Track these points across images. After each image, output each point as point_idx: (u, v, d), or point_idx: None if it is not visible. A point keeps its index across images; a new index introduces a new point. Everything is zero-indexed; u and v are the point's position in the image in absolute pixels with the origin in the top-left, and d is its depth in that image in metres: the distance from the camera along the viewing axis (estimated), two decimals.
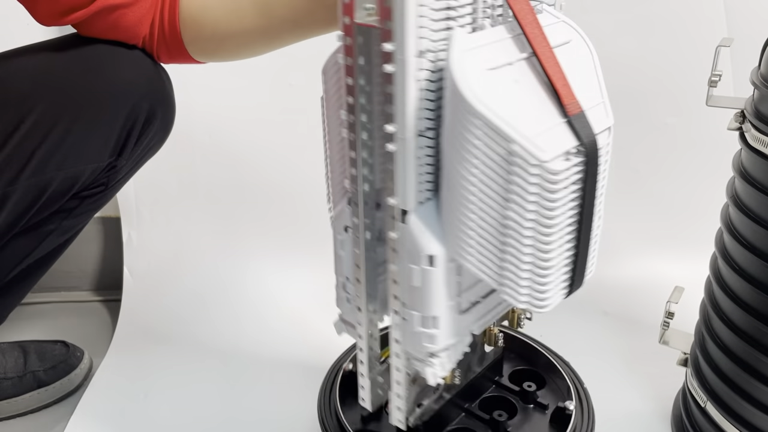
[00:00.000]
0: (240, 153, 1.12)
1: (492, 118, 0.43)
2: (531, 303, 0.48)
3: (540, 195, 0.44)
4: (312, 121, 1.08)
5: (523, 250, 0.46)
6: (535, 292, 0.48)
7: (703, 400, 0.73)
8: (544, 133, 0.44)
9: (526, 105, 0.45)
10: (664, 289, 0.78)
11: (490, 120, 0.43)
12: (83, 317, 1.09)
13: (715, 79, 0.67)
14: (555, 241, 0.46)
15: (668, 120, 1.06)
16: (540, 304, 0.48)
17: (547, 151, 0.43)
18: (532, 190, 0.44)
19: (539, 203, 0.44)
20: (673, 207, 1.09)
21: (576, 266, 0.49)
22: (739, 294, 0.68)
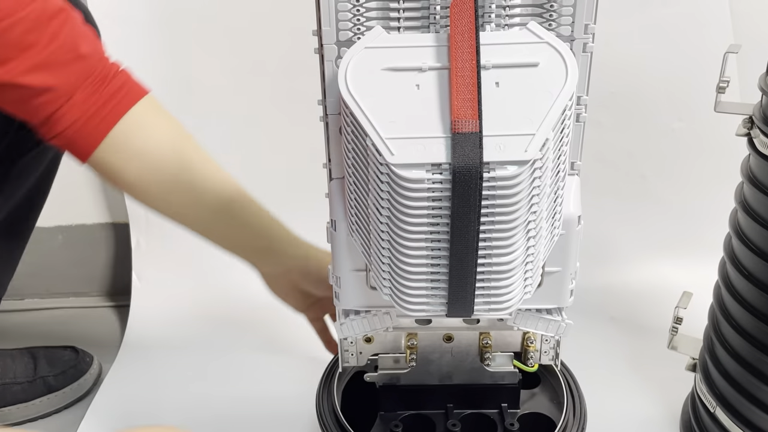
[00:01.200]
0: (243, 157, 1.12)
1: (354, 110, 0.44)
2: (395, 302, 0.50)
3: (391, 196, 0.45)
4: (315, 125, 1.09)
5: (381, 244, 0.47)
6: (396, 291, 0.49)
7: (713, 405, 0.73)
8: (412, 140, 0.44)
9: (412, 110, 0.45)
10: (672, 294, 0.78)
11: (353, 111, 0.44)
12: (92, 323, 1.09)
13: (723, 85, 0.67)
14: (411, 248, 0.46)
15: (675, 125, 1.06)
16: (404, 306, 0.49)
17: (397, 155, 0.43)
18: (383, 188, 0.45)
19: (391, 204, 0.45)
20: (681, 212, 1.09)
21: (453, 287, 0.47)
22: (748, 299, 0.68)
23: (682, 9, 1.00)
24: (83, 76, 0.66)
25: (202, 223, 0.74)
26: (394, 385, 0.66)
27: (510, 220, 0.45)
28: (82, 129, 0.66)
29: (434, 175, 0.43)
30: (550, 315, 0.56)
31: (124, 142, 0.68)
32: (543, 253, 0.50)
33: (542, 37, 0.46)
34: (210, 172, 0.73)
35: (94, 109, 0.66)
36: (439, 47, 0.46)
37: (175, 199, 0.71)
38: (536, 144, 0.43)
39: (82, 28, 0.66)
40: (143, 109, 0.70)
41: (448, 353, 0.65)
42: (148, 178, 0.70)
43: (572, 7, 0.47)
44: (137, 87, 0.70)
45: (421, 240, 0.46)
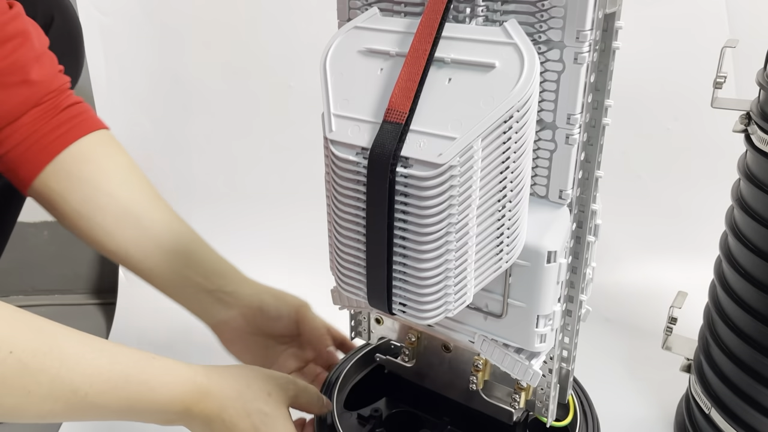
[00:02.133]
0: (238, 156, 1.11)
1: (322, 83, 0.47)
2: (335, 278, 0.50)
3: (331, 170, 0.46)
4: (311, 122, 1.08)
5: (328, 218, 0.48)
6: (335, 267, 0.49)
7: (707, 406, 0.72)
8: (352, 121, 0.45)
9: (366, 92, 0.45)
10: (666, 294, 0.78)
11: (322, 84, 0.47)
12: (78, 320, 1.07)
13: (720, 80, 0.66)
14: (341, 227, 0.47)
15: (670, 125, 1.06)
16: (338, 284, 0.49)
17: (335, 132, 0.45)
18: (326, 162, 0.46)
19: (331, 178, 0.46)
20: (676, 211, 1.09)
21: (369, 276, 0.47)
22: (744, 298, 0.67)
23: (677, 7, 1.00)
24: (30, 101, 0.63)
25: (148, 262, 0.67)
26: (399, 375, 0.65)
27: (422, 224, 0.43)
28: (25, 153, 0.64)
29: (361, 159, 0.43)
30: (518, 355, 0.51)
31: (69, 168, 0.65)
32: (474, 273, 0.46)
33: (513, 37, 0.43)
34: (161, 207, 0.69)
35: (40, 135, 0.64)
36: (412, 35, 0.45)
37: (121, 231, 0.66)
38: (454, 150, 0.41)
39: (39, 54, 0.64)
40: (95, 140, 0.67)
41: (447, 363, 0.63)
42: (93, 206, 0.65)
43: (563, 8, 0.43)
44: (93, 119, 0.68)
45: (350, 221, 0.46)
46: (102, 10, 1.01)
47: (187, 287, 0.68)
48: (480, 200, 0.43)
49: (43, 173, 0.64)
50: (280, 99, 1.07)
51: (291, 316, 0.70)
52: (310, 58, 1.03)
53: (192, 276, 0.68)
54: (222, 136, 1.10)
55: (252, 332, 0.69)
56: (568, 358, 0.57)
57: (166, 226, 0.68)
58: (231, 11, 1.03)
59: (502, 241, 0.46)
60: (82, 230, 0.67)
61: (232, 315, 0.69)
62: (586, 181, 0.50)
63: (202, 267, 0.69)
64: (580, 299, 0.55)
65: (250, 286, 0.71)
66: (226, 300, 0.69)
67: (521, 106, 0.41)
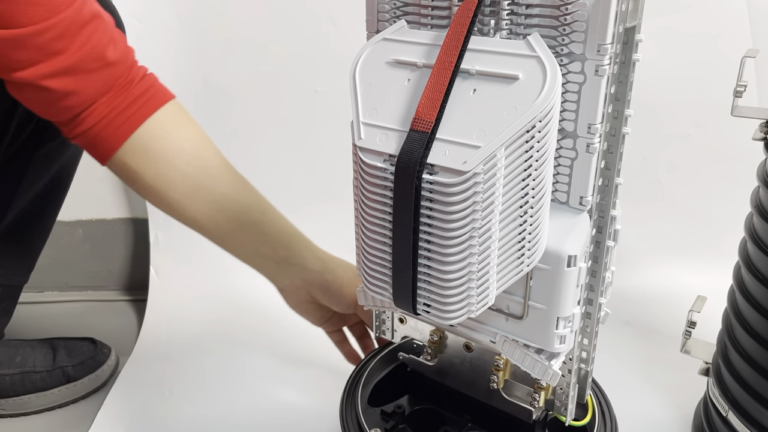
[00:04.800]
0: (265, 158, 1.14)
1: (351, 92, 0.49)
2: (361, 278, 0.52)
3: (360, 176, 0.48)
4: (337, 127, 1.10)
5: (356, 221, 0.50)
6: (361, 268, 0.51)
7: (725, 409, 0.73)
8: (381, 129, 0.47)
9: (393, 101, 0.47)
10: (685, 298, 0.79)
11: (351, 93, 0.49)
12: (110, 316, 1.11)
13: (740, 89, 0.67)
14: (369, 230, 0.48)
15: (691, 131, 1.07)
16: (365, 284, 0.52)
17: (364, 140, 0.47)
18: (355, 168, 0.48)
19: (360, 184, 0.48)
20: (696, 217, 1.09)
21: (395, 278, 0.49)
22: (763, 303, 0.68)
23: (699, 14, 1.00)
24: (109, 82, 0.66)
25: (219, 231, 0.72)
26: (422, 373, 0.67)
27: (447, 228, 0.44)
28: (103, 131, 0.67)
29: (389, 166, 0.45)
30: (538, 355, 0.52)
31: (144, 145, 0.68)
32: (495, 276, 0.47)
33: (536, 50, 0.44)
34: (230, 180, 0.73)
35: (117, 112, 0.67)
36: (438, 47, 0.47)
37: (193, 205, 0.70)
38: (478, 158, 0.42)
39: (112, 33, 0.67)
40: (166, 114, 0.70)
41: (468, 362, 0.65)
42: (166, 182, 0.69)
43: (585, 23, 0.44)
44: (162, 91, 0.71)
45: (377, 225, 0.48)
46: (137, 17, 1.04)
47: (256, 256, 0.74)
48: (503, 206, 0.45)
49: (120, 150, 0.68)
50: (306, 104, 1.10)
51: (350, 303, 0.74)
52: (336, 64, 1.06)
53: (260, 247, 0.73)
54: (249, 139, 1.13)
55: (312, 301, 0.75)
56: (587, 359, 0.59)
57: (236, 199, 0.71)
58: (260, 18, 1.05)
59: (523, 245, 0.47)
60: (157, 202, 0.72)
61: (296, 285, 0.74)
62: (606, 188, 0.52)
63: (269, 238, 0.73)
64: (599, 302, 0.56)
65: (317, 262, 0.74)
66: (291, 271, 0.74)
67: (543, 116, 0.43)
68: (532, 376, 0.53)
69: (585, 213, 0.50)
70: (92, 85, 0.65)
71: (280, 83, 1.09)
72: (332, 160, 1.11)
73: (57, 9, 0.60)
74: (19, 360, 0.89)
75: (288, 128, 1.12)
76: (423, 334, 0.66)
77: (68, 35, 0.62)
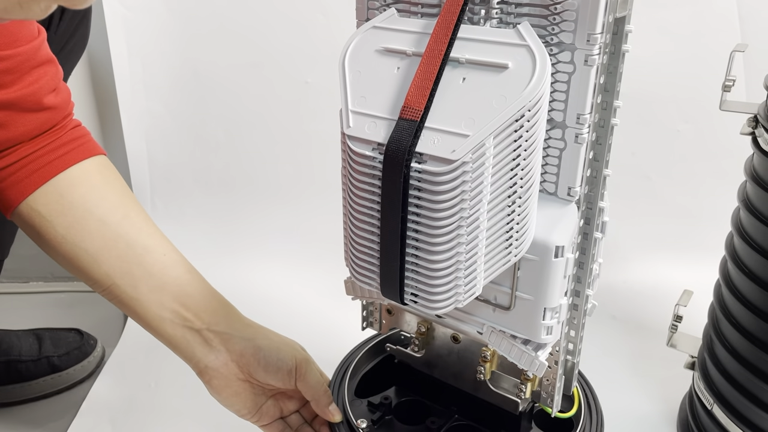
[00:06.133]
0: (255, 148, 1.13)
1: (341, 80, 0.49)
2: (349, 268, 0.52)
3: (348, 164, 0.47)
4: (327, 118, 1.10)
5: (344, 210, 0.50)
6: (349, 257, 0.51)
7: (710, 402, 0.74)
8: (369, 117, 0.46)
9: (381, 89, 0.47)
10: (672, 293, 0.79)
11: (341, 81, 0.49)
12: (96, 307, 1.10)
13: (728, 83, 0.68)
14: (357, 219, 0.48)
15: (680, 127, 1.07)
16: (352, 274, 0.51)
17: (352, 128, 0.46)
18: (343, 156, 0.48)
19: (348, 172, 0.48)
20: (684, 212, 1.10)
21: (383, 267, 0.48)
22: (748, 297, 0.68)
23: (689, 10, 1.01)
24: (39, 127, 0.61)
25: (135, 291, 0.62)
26: (409, 365, 0.67)
27: (435, 218, 0.44)
28: (17, 173, 0.61)
29: (377, 154, 0.45)
30: (525, 346, 0.52)
31: (60, 192, 0.61)
32: (483, 265, 0.47)
33: (526, 39, 0.44)
34: (155, 233, 0.64)
35: (38, 155, 0.61)
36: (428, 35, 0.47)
37: (107, 257, 0.61)
38: (467, 146, 0.42)
39: (58, 83, 0.62)
40: (93, 166, 0.64)
41: (456, 354, 0.64)
42: (81, 232, 0.61)
43: (575, 12, 0.44)
44: (92, 144, 0.65)
45: (365, 214, 0.48)
46: (126, 5, 1.03)
47: (174, 324, 0.62)
48: (491, 195, 0.45)
49: (32, 196, 0.60)
50: (296, 94, 1.09)
51: (290, 369, 0.64)
52: (326, 54, 1.06)
53: (181, 311, 0.62)
54: (240, 129, 1.12)
55: (243, 380, 0.64)
56: (574, 351, 0.59)
57: (160, 255, 0.63)
58: (250, 7, 1.05)
59: (511, 235, 0.47)
60: (66, 257, 0.62)
61: (223, 360, 0.63)
62: (594, 179, 0.52)
63: (193, 301, 0.63)
64: (586, 294, 0.56)
65: (247, 329, 0.65)
66: (216, 342, 0.63)
67: (532, 105, 0.43)
68: (519, 366, 0.53)
69: (573, 204, 0.50)
70: (23, 126, 0.60)
71: (269, 73, 1.08)
72: (322, 151, 1.11)
73: (16, 42, 0.57)
74: (4, 349, 0.89)
75: (277, 118, 1.11)
76: (410, 326, 0.66)
77: (18, 71, 0.58)
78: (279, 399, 0.68)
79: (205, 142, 1.13)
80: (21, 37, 0.57)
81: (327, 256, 1.14)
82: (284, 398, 0.68)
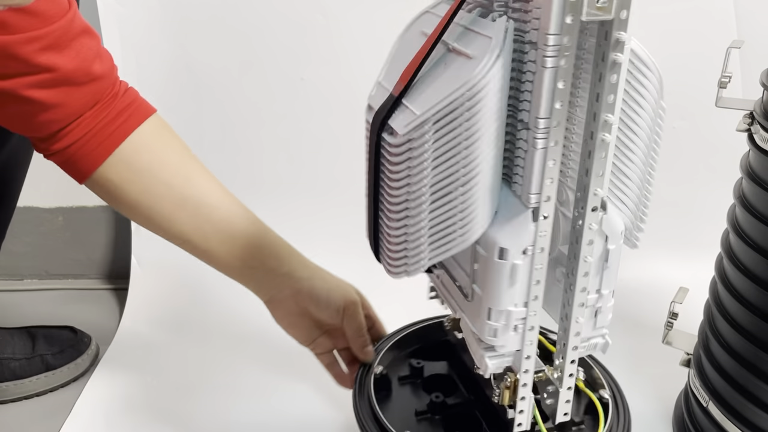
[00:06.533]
0: (250, 145, 1.13)
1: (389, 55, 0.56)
2: None
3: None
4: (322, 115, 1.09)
5: None
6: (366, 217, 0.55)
7: (705, 399, 0.74)
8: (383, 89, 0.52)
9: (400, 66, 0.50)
10: (667, 290, 0.79)
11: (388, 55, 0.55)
12: (91, 304, 1.10)
13: (725, 80, 0.67)
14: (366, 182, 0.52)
15: (676, 124, 1.07)
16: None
17: (371, 97, 0.53)
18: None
19: None
20: (680, 208, 1.10)
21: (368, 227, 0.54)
22: (744, 294, 0.68)
23: (685, 7, 1.00)
24: (96, 96, 0.65)
25: (208, 244, 0.70)
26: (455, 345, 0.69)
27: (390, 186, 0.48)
28: (85, 146, 0.66)
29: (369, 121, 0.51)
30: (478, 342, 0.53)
31: (128, 160, 0.67)
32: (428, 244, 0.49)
33: (492, 32, 0.44)
34: (217, 191, 0.71)
35: (101, 127, 0.66)
36: None
37: (181, 217, 0.69)
38: (412, 124, 0.45)
39: (98, 49, 0.65)
40: (149, 129, 0.69)
41: None
42: (152, 196, 0.68)
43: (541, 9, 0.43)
44: (144, 106, 0.70)
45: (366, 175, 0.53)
46: (119, 0, 1.03)
47: (244, 268, 0.71)
48: (432, 178, 0.47)
49: (103, 166, 0.66)
50: (292, 91, 1.09)
51: (338, 308, 0.71)
52: (323, 53, 1.05)
53: (248, 259, 0.70)
54: (234, 126, 1.12)
55: (300, 313, 0.72)
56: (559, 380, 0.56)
57: (223, 209, 0.70)
58: (246, 3, 1.04)
59: (454, 222, 0.48)
60: (143, 218, 0.70)
61: (284, 295, 0.71)
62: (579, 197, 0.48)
63: (259, 250, 0.71)
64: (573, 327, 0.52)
65: (305, 270, 0.72)
66: (279, 281, 0.71)
67: (470, 97, 0.43)
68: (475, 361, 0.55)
69: (530, 211, 0.48)
70: (80, 99, 0.64)
71: (265, 70, 1.08)
72: (317, 148, 1.11)
73: (51, 19, 0.59)
74: None
75: (272, 115, 1.11)
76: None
77: (59, 46, 0.60)
78: (332, 334, 0.74)
79: (199, 138, 1.12)
80: (53, 14, 0.60)
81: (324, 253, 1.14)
82: (337, 334, 0.74)
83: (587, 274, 0.50)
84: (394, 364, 0.71)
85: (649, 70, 0.47)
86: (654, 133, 0.51)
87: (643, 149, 0.50)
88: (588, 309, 0.52)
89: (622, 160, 0.50)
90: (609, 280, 0.52)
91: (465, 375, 0.68)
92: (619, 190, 0.51)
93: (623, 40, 0.43)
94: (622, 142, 0.49)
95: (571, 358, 0.54)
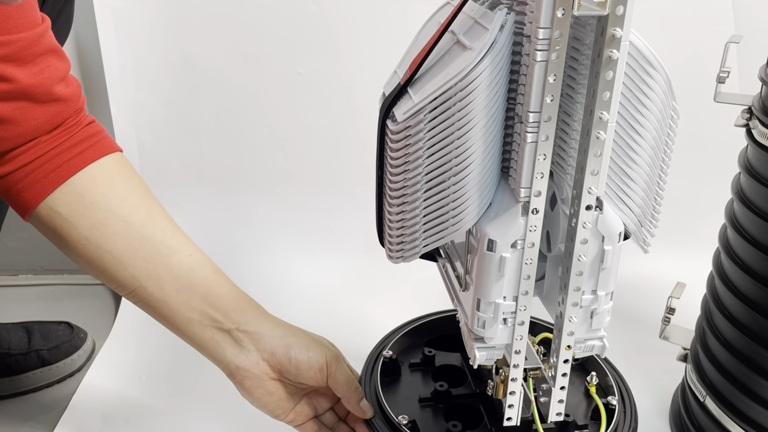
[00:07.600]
0: (246, 139, 1.12)
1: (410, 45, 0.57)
2: None
3: None
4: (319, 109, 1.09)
5: None
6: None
7: (702, 394, 0.74)
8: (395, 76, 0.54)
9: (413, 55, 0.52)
10: (665, 285, 0.79)
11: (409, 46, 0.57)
12: (87, 300, 1.09)
13: (723, 75, 0.67)
14: None
15: None
16: None
17: (387, 85, 0.54)
18: None
19: None
20: (677, 204, 1.09)
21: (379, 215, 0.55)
22: (741, 289, 0.68)
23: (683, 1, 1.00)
24: (56, 119, 0.59)
25: (162, 293, 0.61)
26: None
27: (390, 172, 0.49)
28: (34, 173, 0.58)
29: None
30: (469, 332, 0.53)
31: (81, 192, 0.59)
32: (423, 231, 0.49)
33: (490, 24, 0.44)
34: (178, 235, 0.63)
35: (54, 154, 0.58)
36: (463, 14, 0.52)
37: (132, 259, 0.59)
38: (410, 112, 0.46)
39: (65, 73, 0.60)
40: (111, 163, 0.62)
41: None
42: (105, 233, 0.59)
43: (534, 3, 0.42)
44: (108, 141, 0.63)
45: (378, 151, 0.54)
46: None
47: (203, 325, 0.62)
48: (427, 166, 0.47)
49: (51, 196, 0.58)
50: (288, 85, 1.08)
51: (321, 366, 0.63)
52: (319, 46, 1.05)
53: (209, 311, 0.61)
54: (231, 119, 1.11)
55: (276, 380, 0.63)
56: None
57: (183, 254, 0.62)
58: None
59: (447, 211, 0.48)
60: (89, 259, 0.60)
61: (254, 360, 0.62)
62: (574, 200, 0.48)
63: (221, 301, 0.62)
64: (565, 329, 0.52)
65: (275, 327, 0.64)
66: (246, 342, 0.62)
67: (462, 87, 0.44)
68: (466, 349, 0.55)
69: (519, 205, 0.48)
70: (36, 119, 0.57)
71: (261, 64, 1.07)
72: (313, 142, 1.10)
73: (16, 28, 0.54)
74: None
75: (269, 109, 1.10)
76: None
77: (21, 58, 0.54)
78: (312, 397, 0.67)
79: (196, 132, 1.11)
80: (21, 24, 0.54)
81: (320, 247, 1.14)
82: (317, 396, 0.67)
83: (581, 274, 0.50)
84: (408, 350, 0.71)
85: (655, 71, 0.47)
86: (664, 135, 0.50)
87: (649, 152, 0.50)
88: (582, 309, 0.51)
89: (626, 161, 0.49)
90: (606, 282, 0.51)
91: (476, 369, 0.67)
92: (621, 191, 0.50)
93: (619, 37, 0.42)
94: (625, 142, 0.48)
95: (564, 358, 0.53)
